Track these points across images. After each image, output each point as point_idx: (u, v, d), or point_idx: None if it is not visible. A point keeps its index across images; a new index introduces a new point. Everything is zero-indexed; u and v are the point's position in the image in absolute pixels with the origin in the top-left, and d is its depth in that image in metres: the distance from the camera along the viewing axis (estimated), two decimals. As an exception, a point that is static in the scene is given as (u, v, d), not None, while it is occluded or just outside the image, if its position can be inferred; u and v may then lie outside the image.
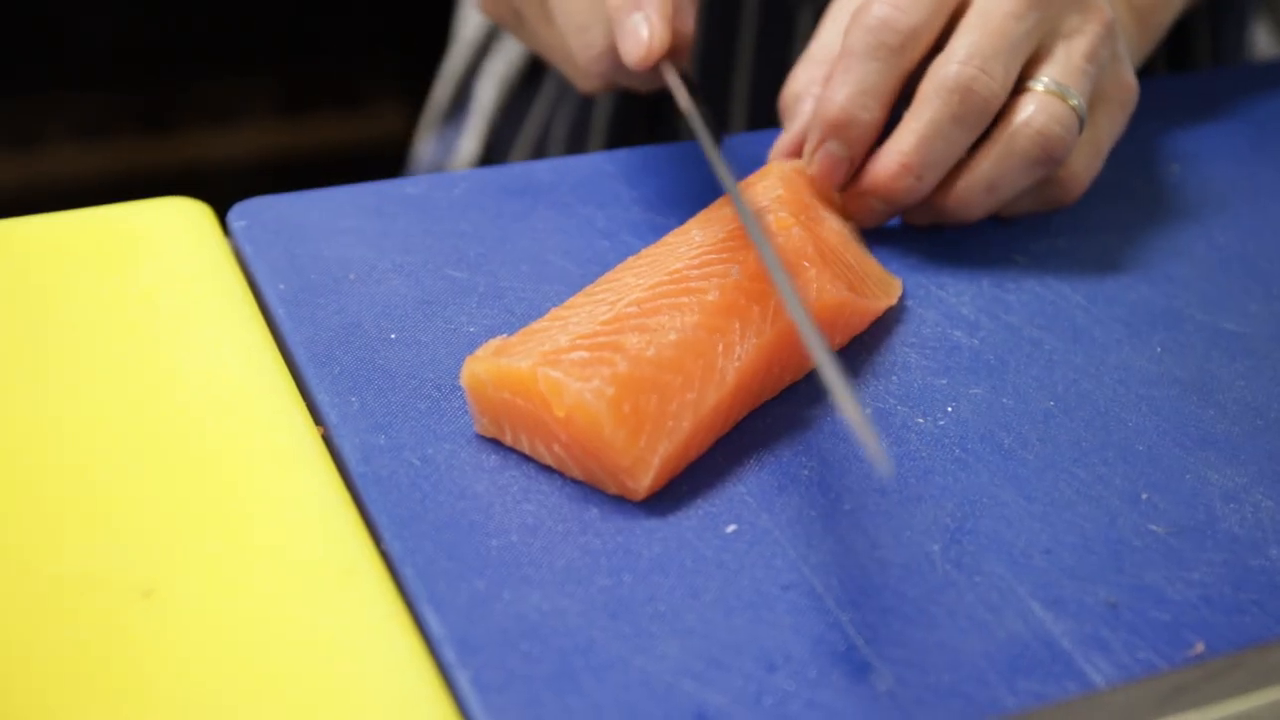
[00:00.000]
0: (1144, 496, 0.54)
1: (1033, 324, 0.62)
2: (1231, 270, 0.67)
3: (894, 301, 0.62)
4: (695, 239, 0.59)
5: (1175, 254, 0.68)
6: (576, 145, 0.96)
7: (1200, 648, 0.48)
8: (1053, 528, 0.53)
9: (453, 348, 0.58)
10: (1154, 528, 0.53)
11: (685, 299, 0.55)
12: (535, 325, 0.56)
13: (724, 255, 0.57)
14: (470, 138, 1.01)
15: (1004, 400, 0.58)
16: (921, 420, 0.57)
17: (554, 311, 0.57)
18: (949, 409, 0.58)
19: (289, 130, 2.15)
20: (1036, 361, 0.60)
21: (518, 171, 0.70)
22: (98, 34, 2.03)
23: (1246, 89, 0.82)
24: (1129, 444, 0.56)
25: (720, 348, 0.54)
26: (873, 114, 0.63)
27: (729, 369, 0.54)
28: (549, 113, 0.97)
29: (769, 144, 0.69)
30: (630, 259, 0.59)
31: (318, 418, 0.56)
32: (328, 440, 0.55)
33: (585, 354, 0.53)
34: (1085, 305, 0.64)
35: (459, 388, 0.56)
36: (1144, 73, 0.93)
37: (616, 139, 0.95)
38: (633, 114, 0.95)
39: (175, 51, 2.09)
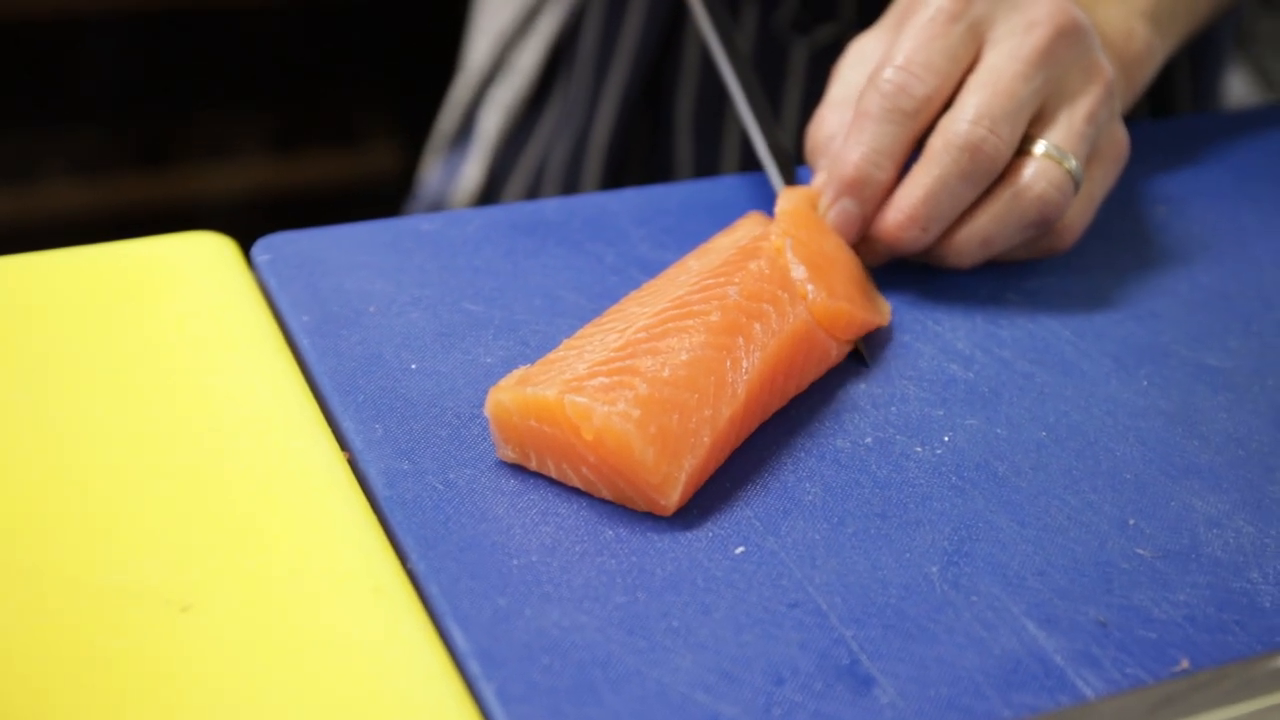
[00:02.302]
0: (1131, 522, 0.57)
1: (1025, 358, 0.65)
2: (1214, 308, 0.70)
3: (885, 321, 0.64)
4: (693, 268, 0.62)
5: (1161, 292, 0.71)
6: (574, 172, 0.99)
7: (1185, 664, 0.51)
8: (1045, 551, 0.55)
9: (471, 378, 0.61)
10: (1141, 551, 0.55)
11: (690, 322, 0.58)
12: (552, 355, 0.59)
13: (720, 280, 0.60)
14: (474, 164, 1.04)
15: (998, 430, 0.61)
16: (920, 449, 0.60)
17: (567, 342, 0.59)
18: (946, 438, 0.60)
19: (284, 166, 2.17)
20: (1029, 394, 0.63)
21: (528, 210, 0.73)
22: (95, 70, 2.05)
23: (1227, 134, 0.85)
24: (1117, 472, 0.59)
25: (728, 364, 0.57)
26: (886, 173, 0.66)
27: (739, 383, 0.57)
28: (549, 141, 1.00)
29: (759, 187, 0.71)
30: (634, 292, 0.62)
31: (343, 444, 0.58)
32: (353, 465, 0.57)
33: (605, 379, 0.56)
34: (1075, 340, 0.67)
35: (478, 415, 0.59)
36: (1128, 117, 0.97)
37: (613, 166, 0.98)
38: (629, 143, 0.98)
39: (172, 87, 2.12)
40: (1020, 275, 0.70)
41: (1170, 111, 1.02)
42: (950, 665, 0.50)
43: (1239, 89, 2.18)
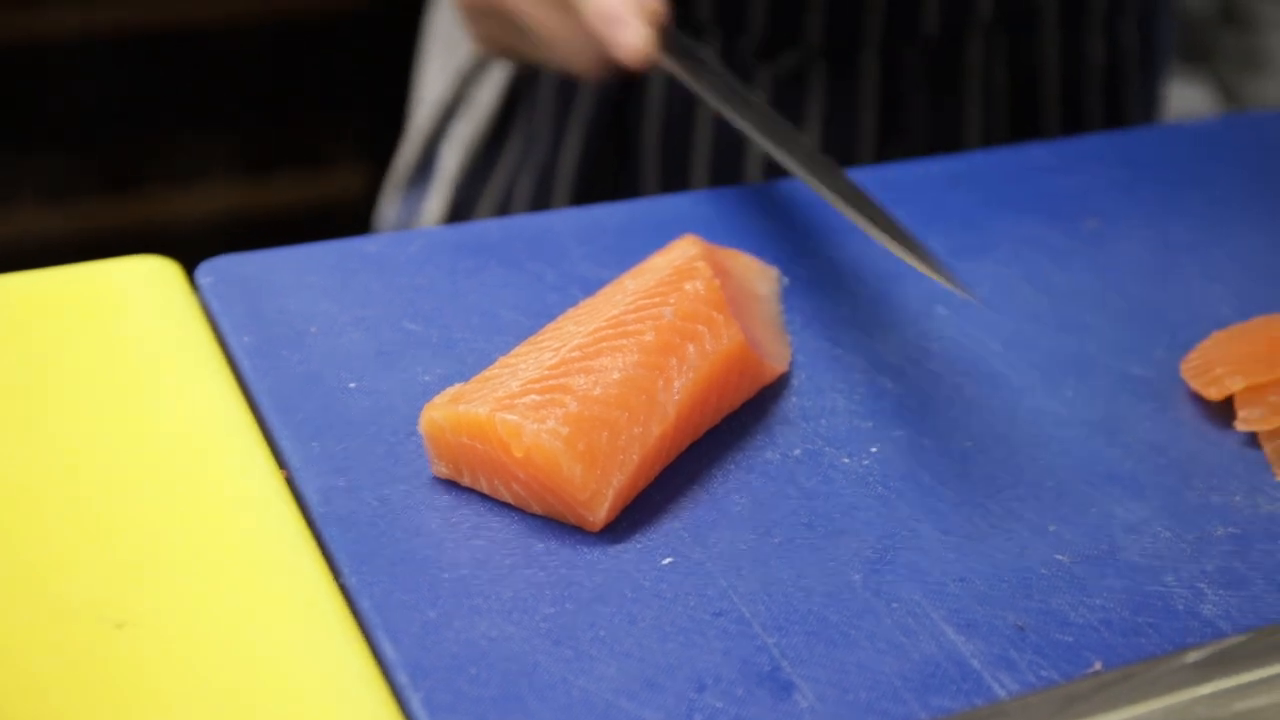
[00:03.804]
0: (1052, 529, 0.58)
1: (953, 370, 0.67)
2: (1141, 319, 0.71)
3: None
4: (629, 288, 0.63)
5: (1089, 304, 0.72)
6: (540, 205, 1.00)
7: (1098, 666, 0.52)
8: (966, 558, 0.56)
9: (408, 396, 0.62)
10: (1060, 558, 0.57)
11: (624, 341, 0.59)
12: (486, 373, 0.60)
13: (656, 300, 0.61)
14: (435, 200, 1.04)
15: (924, 441, 0.62)
16: (847, 460, 0.61)
17: (502, 360, 0.60)
18: (873, 449, 0.62)
19: (251, 190, 2.18)
20: (956, 405, 0.64)
21: (472, 230, 0.74)
22: (61, 95, 2.06)
23: (1159, 148, 0.86)
24: (1040, 481, 0.61)
25: (660, 384, 0.58)
26: None
27: (669, 403, 0.58)
28: (513, 173, 1.01)
29: (698, 207, 0.73)
30: (571, 310, 0.64)
31: (281, 462, 0.59)
32: (290, 483, 0.58)
33: (537, 397, 0.57)
34: (1003, 353, 0.68)
35: (414, 433, 0.60)
36: (1076, 128, 0.98)
37: (580, 197, 0.99)
38: (596, 174, 0.99)
39: (139, 111, 2.13)
40: (948, 290, 0.71)
41: (1121, 122, 1.03)
42: (869, 670, 0.51)
43: (1200, 102, 2.20)
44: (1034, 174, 0.75)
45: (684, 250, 0.68)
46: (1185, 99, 2.20)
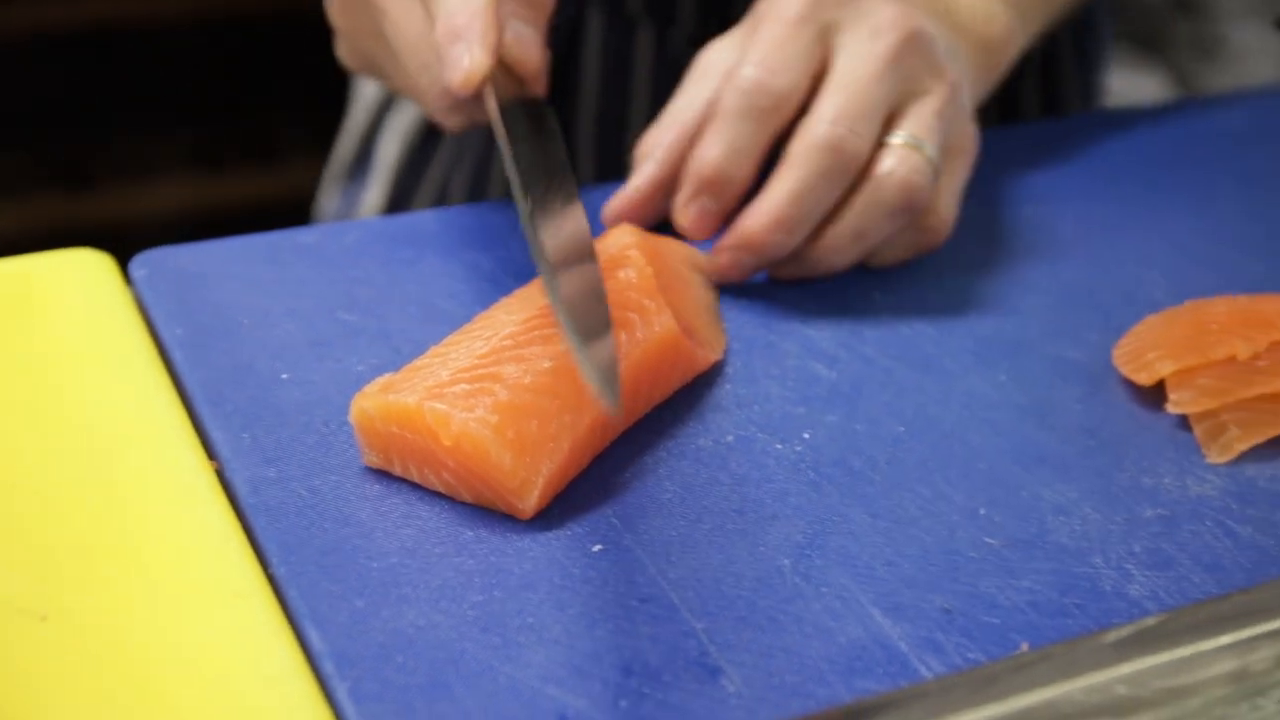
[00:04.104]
0: (982, 512, 0.58)
1: (887, 355, 0.67)
2: (1076, 302, 0.71)
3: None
4: None
5: (1025, 288, 0.72)
6: (479, 195, 1.00)
7: (1025, 647, 0.52)
8: (896, 542, 0.57)
9: (341, 386, 0.62)
10: (989, 540, 0.57)
11: (556, 330, 0.59)
12: (418, 362, 0.60)
13: None
14: (374, 193, 1.04)
15: (857, 426, 0.62)
16: (780, 446, 0.61)
17: (434, 349, 0.60)
18: (805, 435, 0.62)
19: (205, 185, 2.18)
20: (889, 390, 0.65)
21: (409, 221, 0.74)
22: (13, 92, 2.05)
23: (1097, 134, 0.87)
24: (971, 464, 0.61)
25: None
26: (745, 171, 0.68)
27: None
28: (450, 166, 1.00)
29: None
30: (504, 299, 0.64)
31: (212, 453, 0.59)
32: (221, 474, 0.58)
33: (467, 386, 0.57)
34: (937, 338, 0.68)
35: (346, 423, 0.60)
36: (1012, 117, 0.99)
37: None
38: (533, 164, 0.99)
39: (93, 108, 2.12)
40: (887, 276, 0.72)
41: (1059, 108, 1.04)
42: (796, 654, 0.52)
43: (1155, 90, 2.22)
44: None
45: (619, 238, 0.68)
46: (1140, 88, 2.21)
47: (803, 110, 0.68)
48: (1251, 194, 0.83)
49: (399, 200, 1.03)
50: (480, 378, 0.57)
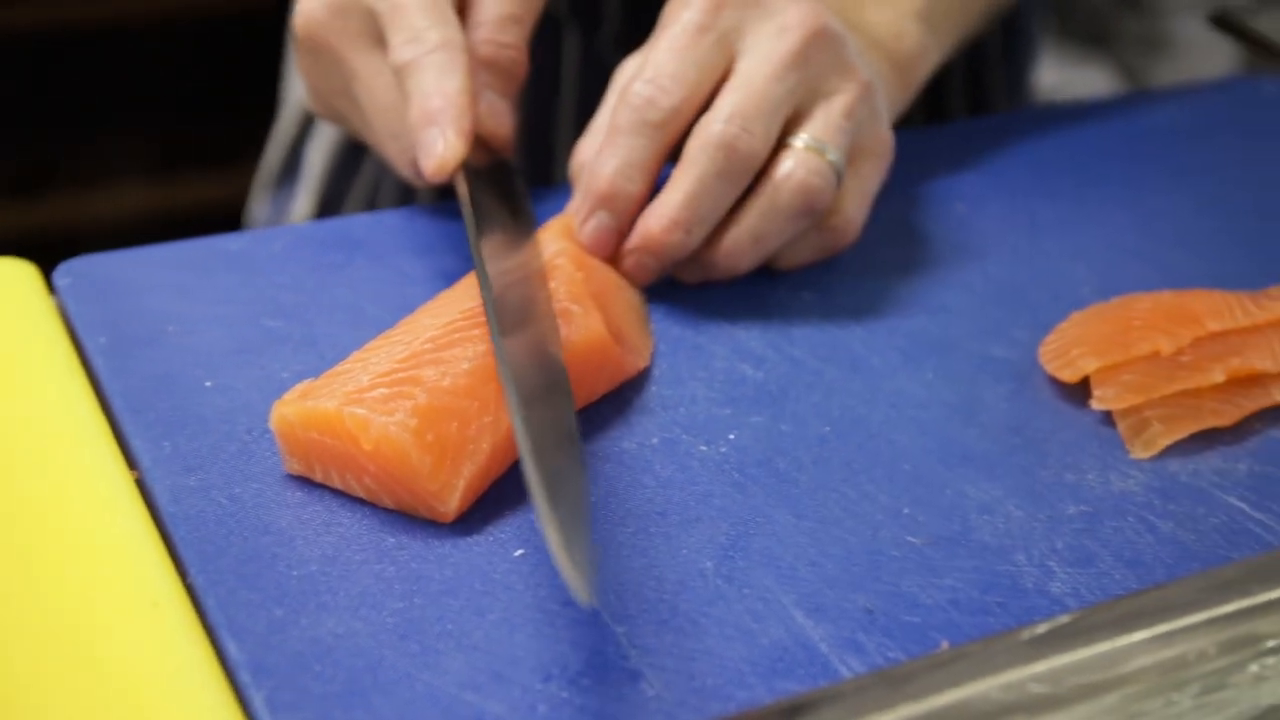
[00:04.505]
0: (906, 511, 0.58)
1: (815, 355, 0.67)
2: (1004, 300, 0.72)
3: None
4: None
5: (953, 286, 0.72)
6: (408, 200, 1.00)
7: (945, 646, 0.52)
8: (819, 542, 0.57)
9: (265, 393, 0.62)
10: (912, 539, 0.57)
11: (476, 331, 0.59)
12: (338, 368, 0.59)
13: None
14: (303, 199, 1.04)
15: (782, 427, 0.62)
16: (704, 448, 0.61)
17: (355, 354, 0.60)
18: (731, 436, 0.62)
19: (162, 190, 2.16)
20: (816, 390, 0.65)
21: (337, 226, 0.74)
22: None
23: (1031, 130, 0.87)
24: (896, 463, 0.61)
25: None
26: (638, 185, 0.68)
27: None
28: (379, 172, 1.00)
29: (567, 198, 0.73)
30: (428, 303, 0.63)
31: (132, 462, 0.59)
32: (141, 483, 0.58)
33: (386, 390, 0.57)
34: (865, 337, 0.68)
35: (269, 431, 0.59)
36: (938, 119, 0.99)
37: (446, 196, 0.99)
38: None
39: (50, 113, 2.11)
40: (816, 276, 0.72)
41: (985, 107, 1.04)
42: (717, 657, 0.52)
43: (1102, 85, 2.23)
44: (900, 162, 0.75)
45: (548, 243, 0.68)
46: (1088, 82, 2.22)
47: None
48: (1184, 189, 0.84)
49: (328, 207, 1.03)
50: (399, 381, 0.57)
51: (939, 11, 0.80)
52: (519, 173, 0.72)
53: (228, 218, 2.14)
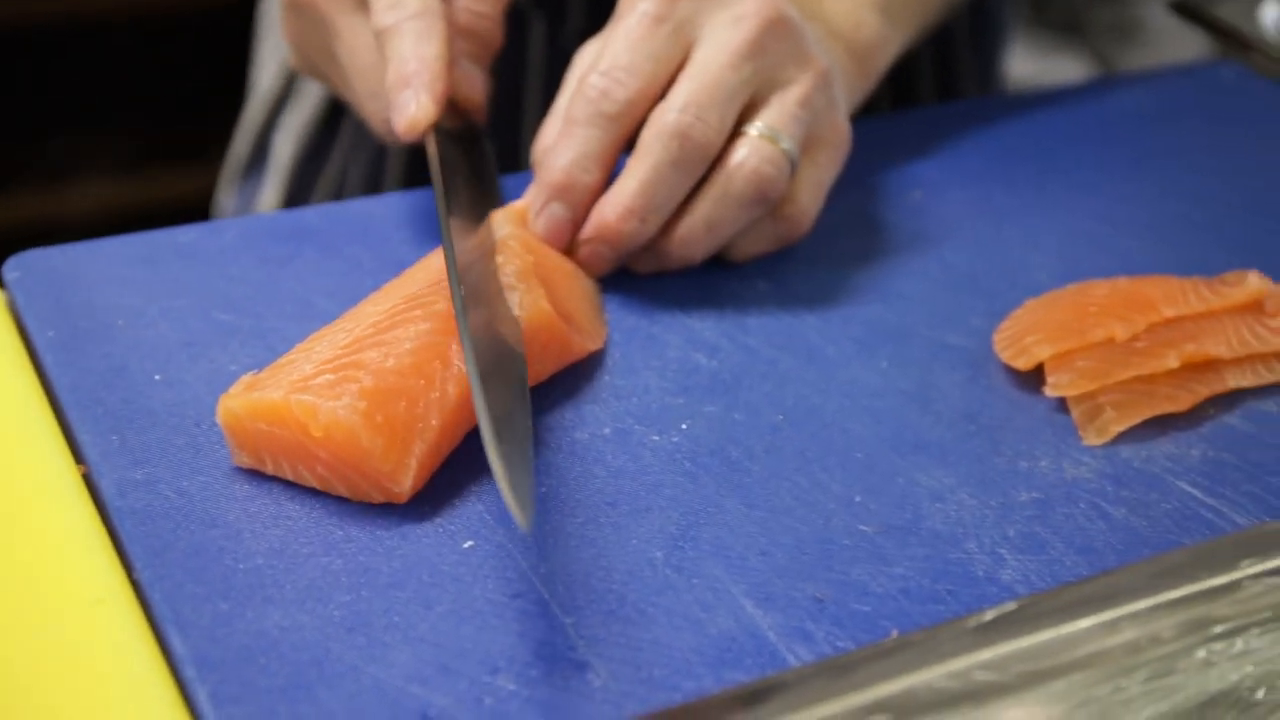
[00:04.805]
0: (858, 499, 0.58)
1: (770, 344, 0.67)
2: (960, 287, 0.71)
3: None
4: (432, 265, 0.63)
5: (910, 274, 0.72)
6: (374, 190, 0.99)
7: (895, 634, 0.52)
8: (770, 532, 0.56)
9: (214, 386, 0.61)
10: (864, 528, 0.57)
11: (418, 312, 0.59)
12: (282, 359, 0.59)
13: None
14: (270, 190, 1.04)
15: (736, 416, 0.62)
16: (656, 438, 0.61)
17: (299, 345, 0.60)
18: (683, 426, 0.61)
19: (132, 186, 2.15)
20: (770, 379, 0.64)
21: (290, 218, 0.73)
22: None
23: (990, 117, 0.87)
24: (849, 451, 0.61)
25: (454, 347, 0.58)
26: (593, 176, 0.67)
27: (464, 363, 0.58)
28: (345, 161, 1.00)
29: (524, 186, 0.72)
30: (373, 293, 0.63)
31: (80, 457, 0.58)
32: (88, 478, 0.57)
33: (331, 376, 0.57)
34: (821, 326, 0.68)
35: (217, 424, 0.59)
36: (910, 103, 0.99)
37: (412, 180, 0.99)
38: (426, 158, 0.98)
39: (22, 109, 2.10)
40: (772, 264, 0.72)
41: (954, 94, 1.04)
42: (665, 647, 0.51)
43: (1076, 73, 2.23)
44: (861, 149, 0.75)
45: (500, 225, 0.67)
46: (1061, 71, 2.23)
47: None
48: (1144, 175, 0.84)
49: (296, 196, 1.02)
50: (344, 366, 0.57)
51: (898, 2, 0.79)
52: (488, 136, 0.74)
53: (198, 213, 2.14)
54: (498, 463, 0.51)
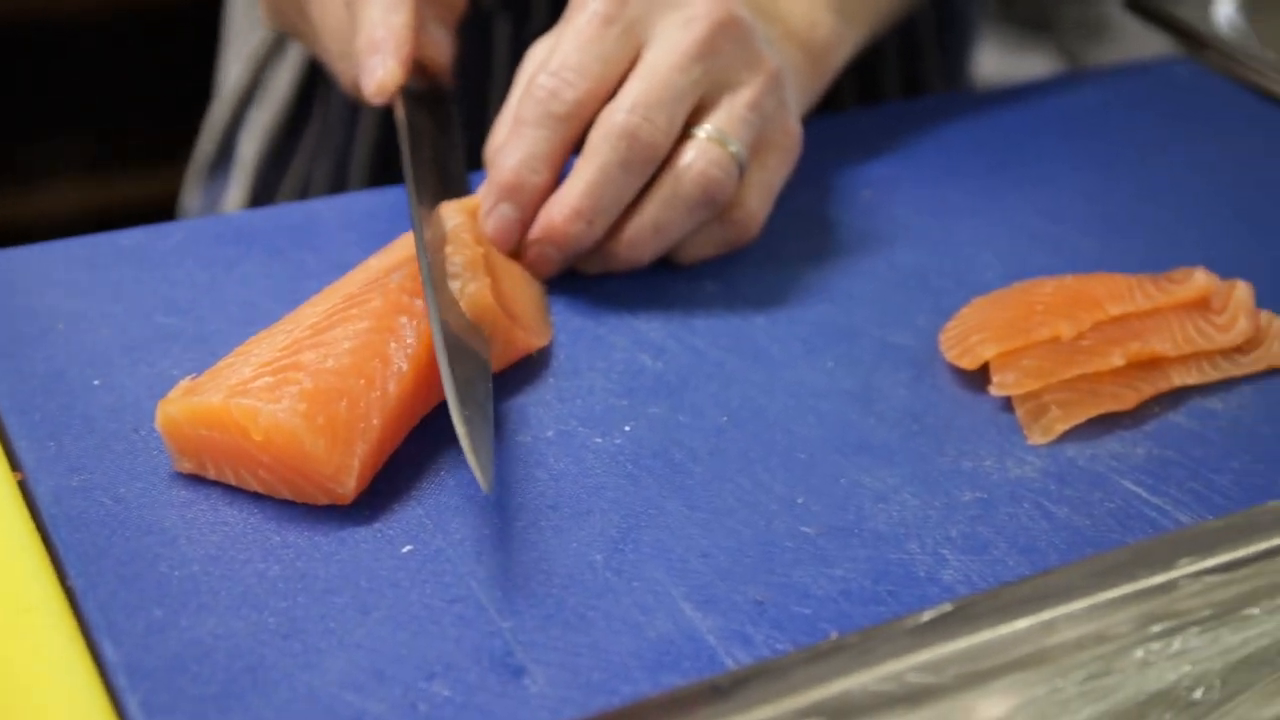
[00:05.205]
0: (800, 501, 0.58)
1: (716, 346, 0.66)
2: (908, 287, 0.71)
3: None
4: (372, 266, 0.63)
5: (858, 274, 0.72)
6: (339, 188, 0.99)
7: (834, 637, 0.52)
8: (712, 534, 0.56)
9: (154, 391, 0.61)
10: (806, 529, 0.57)
11: (355, 310, 0.59)
12: (221, 363, 0.59)
13: (389, 272, 0.61)
14: (235, 189, 1.03)
15: (680, 418, 0.62)
16: (600, 440, 0.60)
17: (238, 349, 0.60)
18: (627, 428, 0.61)
19: (100, 189, 2.15)
20: (715, 380, 0.64)
21: (234, 220, 0.73)
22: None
23: (943, 115, 0.87)
24: (792, 452, 0.60)
25: (392, 344, 0.58)
26: (542, 177, 0.67)
27: (403, 360, 0.58)
28: (310, 160, 1.00)
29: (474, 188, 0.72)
30: (314, 295, 0.63)
31: (16, 464, 0.58)
32: (24, 485, 0.57)
33: (270, 379, 0.56)
34: (767, 326, 0.68)
35: (157, 429, 0.58)
36: (875, 100, 0.98)
37: (377, 180, 0.98)
38: (392, 157, 0.98)
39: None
40: (720, 265, 0.71)
41: (920, 91, 1.04)
42: (603, 651, 0.51)
43: (1044, 70, 2.23)
44: (813, 148, 0.75)
45: (452, 216, 0.67)
46: (1030, 67, 2.23)
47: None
48: (1095, 173, 0.84)
49: (260, 196, 1.02)
50: (283, 369, 0.57)
51: (853, 1, 0.79)
52: (453, 97, 0.76)
53: (164, 214, 2.13)
54: (461, 426, 0.53)
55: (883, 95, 1.01)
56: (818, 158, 0.79)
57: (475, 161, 0.94)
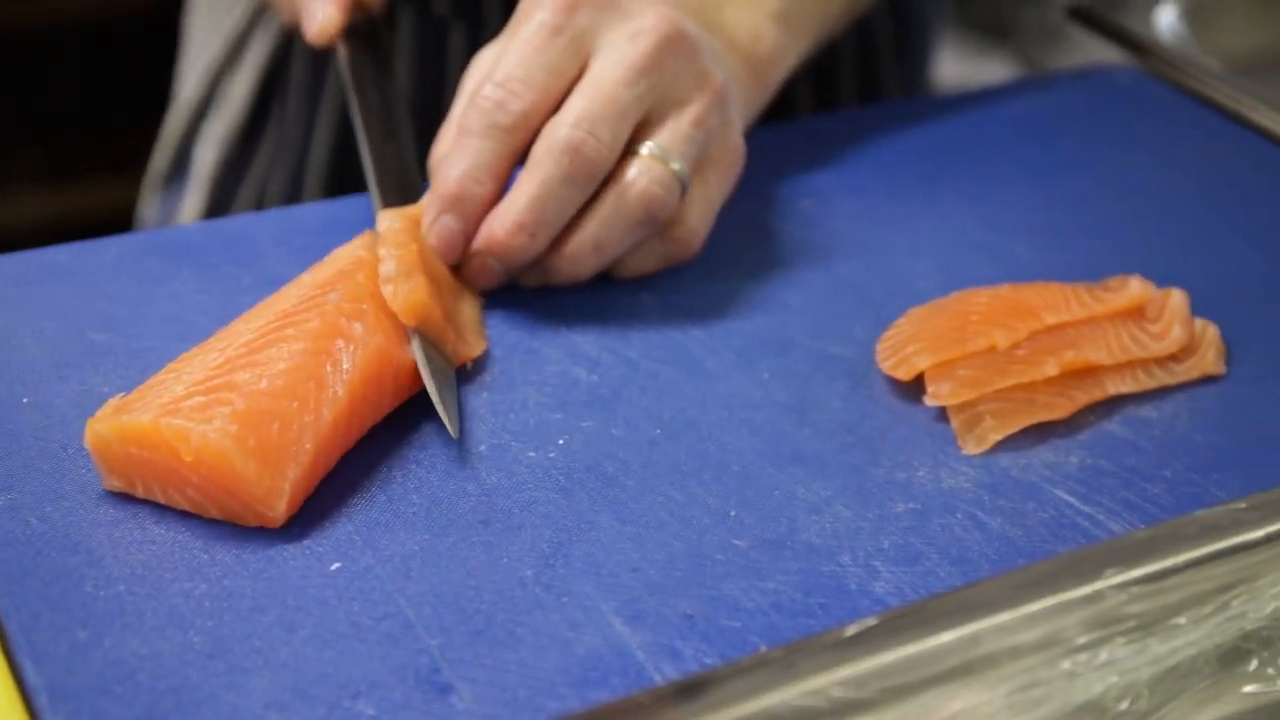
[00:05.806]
0: (733, 514, 0.58)
1: (651, 358, 0.66)
2: (844, 297, 0.71)
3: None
4: (305, 281, 0.62)
5: (794, 285, 0.72)
6: (293, 199, 0.99)
7: (762, 651, 0.52)
8: (643, 548, 0.56)
9: (84, 409, 0.60)
10: (738, 542, 0.56)
11: (290, 331, 0.58)
12: (152, 380, 0.58)
13: (325, 289, 0.60)
14: (192, 199, 1.03)
15: (613, 431, 0.62)
16: (532, 454, 0.60)
17: (169, 365, 0.59)
18: (560, 441, 0.61)
19: (58, 199, 2.13)
20: (649, 393, 0.64)
21: (168, 236, 0.73)
22: None
23: (880, 127, 0.87)
24: (725, 464, 0.60)
25: (328, 368, 0.57)
26: (486, 189, 0.67)
27: (339, 384, 0.58)
28: (266, 170, 0.99)
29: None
30: (247, 311, 0.62)
31: (-59, 484, 0.57)
32: (-51, 505, 0.56)
33: (202, 398, 0.56)
34: (703, 338, 0.68)
35: (86, 447, 0.58)
36: (831, 107, 0.98)
37: (332, 191, 0.98)
38: (347, 167, 0.98)
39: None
40: (657, 278, 0.71)
41: (877, 97, 1.04)
42: (531, 667, 0.51)
43: (1004, 75, 2.24)
44: (755, 159, 0.75)
45: (387, 219, 0.67)
46: (990, 72, 2.23)
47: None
48: (1033, 181, 0.83)
49: (217, 206, 1.01)
50: (215, 388, 0.56)
51: (798, 12, 0.79)
52: (386, 29, 0.81)
53: (121, 224, 2.12)
54: (429, 379, 0.60)
55: (839, 102, 1.01)
56: (762, 167, 0.79)
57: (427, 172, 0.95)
